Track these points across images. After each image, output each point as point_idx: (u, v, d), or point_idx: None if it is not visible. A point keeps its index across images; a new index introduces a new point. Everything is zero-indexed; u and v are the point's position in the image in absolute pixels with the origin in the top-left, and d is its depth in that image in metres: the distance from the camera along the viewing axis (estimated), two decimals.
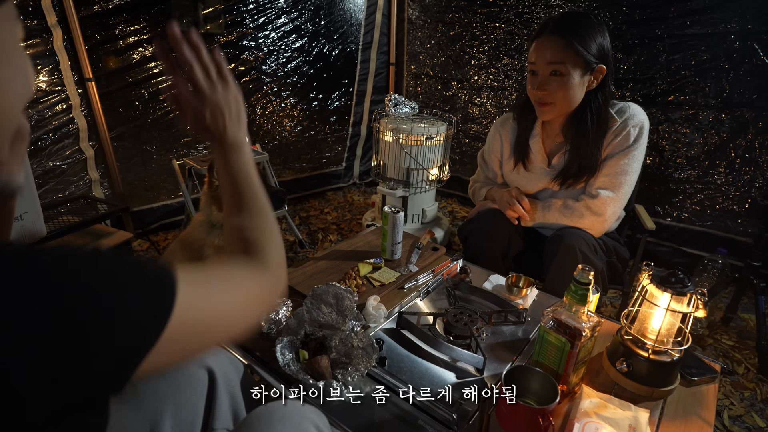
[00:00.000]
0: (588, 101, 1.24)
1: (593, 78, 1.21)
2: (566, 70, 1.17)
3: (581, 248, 1.27)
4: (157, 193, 2.64)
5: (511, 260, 1.50)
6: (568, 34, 1.16)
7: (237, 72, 2.73)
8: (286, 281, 0.61)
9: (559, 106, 1.24)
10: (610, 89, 1.25)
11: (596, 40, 1.17)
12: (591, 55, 1.17)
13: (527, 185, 1.44)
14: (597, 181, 1.31)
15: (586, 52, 1.16)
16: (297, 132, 3.15)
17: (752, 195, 2.15)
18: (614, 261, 1.44)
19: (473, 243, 1.46)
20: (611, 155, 1.28)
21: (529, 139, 1.40)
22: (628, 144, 1.25)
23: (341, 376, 0.87)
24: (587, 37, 1.16)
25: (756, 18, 1.98)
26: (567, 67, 1.17)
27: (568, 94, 1.21)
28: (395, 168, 2.36)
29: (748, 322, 2.01)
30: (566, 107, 1.25)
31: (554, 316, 0.87)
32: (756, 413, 1.54)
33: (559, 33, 1.17)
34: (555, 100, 1.23)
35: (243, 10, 2.62)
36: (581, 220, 1.33)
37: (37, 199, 1.56)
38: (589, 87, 1.22)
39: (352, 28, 3.15)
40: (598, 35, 1.17)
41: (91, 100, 2.22)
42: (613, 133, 1.27)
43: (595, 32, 1.17)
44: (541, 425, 0.74)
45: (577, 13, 1.23)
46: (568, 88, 1.20)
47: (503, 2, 2.73)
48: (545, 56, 1.19)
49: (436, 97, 3.30)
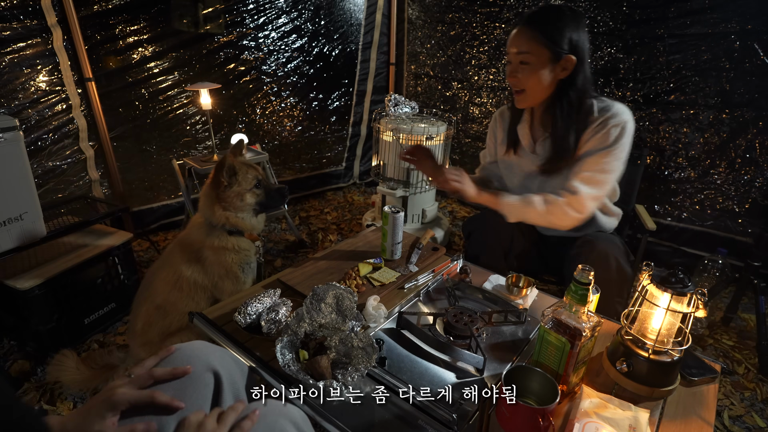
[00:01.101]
0: (560, 90, 1.29)
1: (562, 67, 1.25)
2: (532, 59, 1.24)
3: (615, 255, 1.26)
4: (157, 193, 2.64)
5: (514, 258, 1.50)
6: (535, 26, 1.23)
7: (237, 72, 2.73)
8: None
9: (530, 94, 1.30)
10: (585, 79, 1.27)
11: (565, 32, 1.21)
12: (557, 45, 1.21)
13: (517, 169, 1.48)
14: (578, 177, 1.29)
15: (552, 43, 1.21)
16: (297, 132, 3.15)
17: (752, 195, 2.15)
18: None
19: (476, 240, 1.47)
20: (591, 152, 1.28)
21: (518, 126, 1.45)
22: (608, 143, 1.26)
23: (341, 376, 0.87)
24: (554, 28, 1.21)
25: (756, 18, 1.98)
26: (533, 56, 1.24)
27: (536, 81, 1.26)
28: (395, 168, 2.36)
29: (748, 322, 2.01)
30: (537, 94, 1.30)
31: (554, 316, 0.87)
32: (756, 413, 1.54)
33: (527, 25, 1.24)
34: (525, 87, 1.29)
35: (243, 10, 2.62)
36: (563, 218, 1.31)
37: (37, 199, 1.56)
38: (560, 76, 1.26)
39: (352, 28, 3.15)
40: (568, 27, 1.22)
41: (91, 100, 2.22)
42: (593, 130, 1.29)
43: (565, 24, 1.22)
44: (541, 425, 0.74)
45: (551, 6, 1.27)
46: (535, 77, 1.26)
47: (503, 2, 2.73)
48: (514, 47, 1.27)
49: (436, 97, 3.30)
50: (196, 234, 1.42)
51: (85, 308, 1.76)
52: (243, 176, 1.40)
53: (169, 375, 0.71)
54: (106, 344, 1.77)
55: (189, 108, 2.58)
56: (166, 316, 1.37)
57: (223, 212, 1.39)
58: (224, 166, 1.35)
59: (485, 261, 1.43)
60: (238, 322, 1.04)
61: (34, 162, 2.10)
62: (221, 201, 1.39)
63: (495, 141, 1.56)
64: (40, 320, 1.60)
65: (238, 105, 2.81)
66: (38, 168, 2.11)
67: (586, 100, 1.29)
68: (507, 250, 1.45)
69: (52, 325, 1.64)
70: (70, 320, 1.70)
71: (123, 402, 0.65)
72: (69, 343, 1.72)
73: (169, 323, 1.38)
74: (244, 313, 1.04)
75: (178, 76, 2.50)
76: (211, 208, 1.40)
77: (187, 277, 1.38)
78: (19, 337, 1.72)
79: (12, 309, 1.62)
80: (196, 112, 2.61)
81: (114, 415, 0.64)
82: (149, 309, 1.38)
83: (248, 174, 1.41)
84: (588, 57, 1.26)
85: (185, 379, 0.73)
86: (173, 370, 0.71)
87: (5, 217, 1.49)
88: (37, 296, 1.56)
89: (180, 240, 1.45)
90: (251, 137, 2.84)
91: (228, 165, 1.35)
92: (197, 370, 0.75)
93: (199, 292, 1.39)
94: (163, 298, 1.37)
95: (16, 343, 1.73)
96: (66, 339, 1.70)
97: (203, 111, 2.34)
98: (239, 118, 2.85)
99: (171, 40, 2.42)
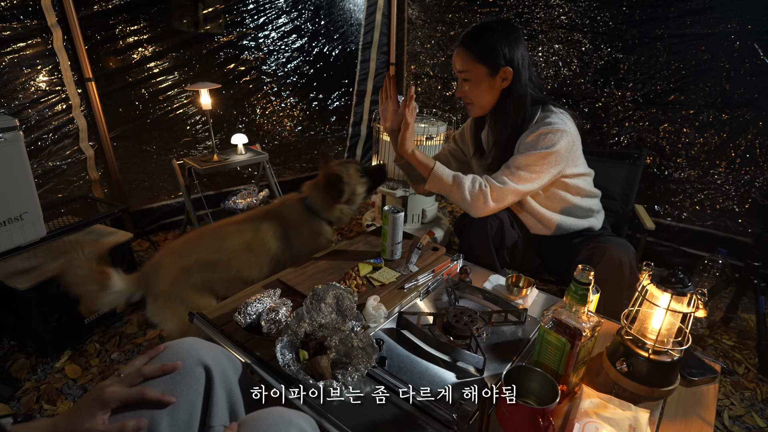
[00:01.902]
0: (502, 98, 1.39)
1: (501, 78, 1.34)
2: (472, 76, 1.36)
3: (629, 258, 1.29)
4: (157, 193, 2.64)
5: (506, 253, 1.52)
6: (469, 46, 1.33)
7: (237, 72, 2.73)
8: None
9: (477, 105, 1.41)
10: (521, 87, 1.35)
11: (497, 47, 1.31)
12: (492, 61, 1.32)
13: (474, 170, 1.61)
14: (506, 171, 1.35)
15: (485, 60, 1.32)
16: (297, 132, 3.15)
17: (752, 195, 2.15)
18: None
19: (467, 235, 1.50)
20: (521, 151, 1.35)
21: (481, 133, 1.56)
22: (537, 145, 1.32)
23: (341, 376, 0.87)
24: (486, 46, 1.31)
25: (756, 18, 1.98)
26: (472, 74, 1.35)
27: (480, 94, 1.38)
28: (395, 168, 2.36)
29: (748, 322, 2.01)
30: (484, 104, 1.41)
31: (554, 316, 0.87)
32: (756, 413, 1.54)
33: (463, 45, 1.35)
34: (472, 100, 1.41)
35: (243, 10, 2.62)
36: (480, 207, 1.34)
37: (37, 199, 1.56)
38: (502, 86, 1.36)
39: (352, 28, 3.15)
40: (500, 42, 1.31)
41: (91, 100, 2.22)
42: (526, 134, 1.37)
43: (495, 40, 1.31)
44: (541, 425, 0.74)
45: (483, 25, 1.34)
46: (478, 90, 1.37)
47: (503, 2, 2.73)
48: (456, 66, 1.39)
49: (436, 97, 3.30)
50: (293, 214, 1.50)
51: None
52: (348, 177, 1.49)
53: (158, 371, 0.71)
54: (106, 344, 1.77)
55: (189, 108, 2.58)
56: (214, 272, 1.39)
57: (339, 208, 1.51)
58: (331, 182, 1.45)
59: (478, 254, 1.45)
60: (238, 322, 1.04)
61: (34, 162, 2.10)
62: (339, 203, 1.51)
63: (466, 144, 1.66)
64: (40, 320, 1.60)
65: (238, 105, 2.81)
66: (38, 168, 2.11)
67: (524, 106, 1.37)
68: (498, 244, 1.48)
69: (52, 325, 1.64)
70: (70, 320, 1.70)
71: (113, 400, 0.65)
72: (69, 343, 1.72)
73: (221, 278, 1.40)
74: (244, 313, 1.04)
75: (178, 76, 2.50)
76: (330, 207, 1.50)
77: (268, 246, 1.44)
78: (19, 337, 1.72)
79: (12, 309, 1.62)
80: (196, 112, 2.61)
81: (104, 413, 0.65)
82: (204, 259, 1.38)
83: (350, 170, 1.50)
84: (526, 66, 1.35)
85: (176, 374, 0.73)
86: (162, 367, 0.72)
87: (5, 217, 1.49)
88: (37, 296, 1.56)
89: (268, 212, 1.50)
90: (251, 137, 2.84)
91: (333, 177, 1.45)
92: (188, 365, 0.75)
93: (270, 262, 1.45)
94: (227, 255, 1.39)
95: (16, 343, 1.73)
96: (66, 339, 1.70)
97: (203, 111, 2.34)
98: (239, 118, 2.85)
99: (171, 40, 2.42)
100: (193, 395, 0.74)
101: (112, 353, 1.72)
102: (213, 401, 0.75)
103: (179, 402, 0.71)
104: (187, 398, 0.73)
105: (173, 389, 0.72)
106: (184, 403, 0.72)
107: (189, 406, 0.73)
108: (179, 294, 1.36)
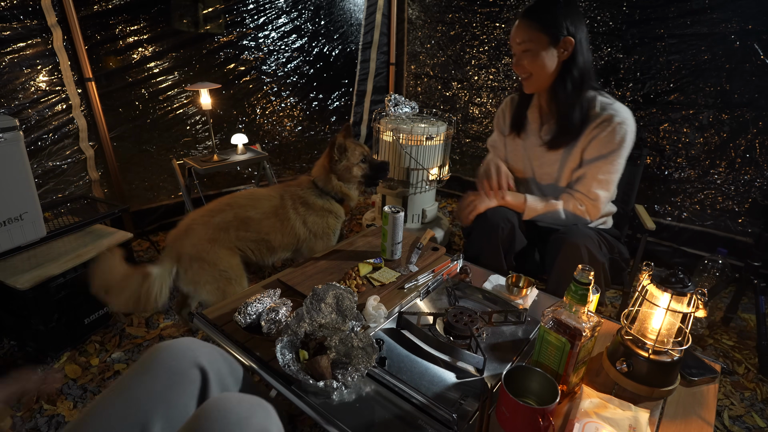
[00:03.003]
0: (564, 71, 1.37)
1: (562, 48, 1.33)
2: (533, 46, 1.34)
3: (587, 245, 1.31)
4: (157, 193, 2.64)
5: (513, 259, 1.51)
6: (532, 16, 1.34)
7: (237, 72, 2.73)
8: None
9: (536, 77, 1.39)
10: (585, 59, 1.36)
11: (559, 17, 1.31)
12: (554, 28, 1.31)
13: (522, 152, 1.58)
14: (595, 182, 1.40)
15: (547, 28, 1.31)
16: (297, 132, 3.15)
17: (752, 195, 2.15)
18: (617, 258, 1.46)
19: (476, 239, 1.48)
20: (603, 155, 1.37)
21: (527, 110, 1.55)
22: (615, 144, 1.35)
23: (341, 376, 0.87)
24: (549, 15, 1.32)
25: (756, 18, 1.98)
26: (533, 43, 1.34)
27: (540, 65, 1.36)
28: (395, 168, 2.36)
29: (748, 322, 2.01)
30: (543, 77, 1.39)
31: (554, 316, 0.87)
32: (756, 413, 1.54)
33: (525, 17, 1.35)
34: (531, 72, 1.38)
35: (243, 10, 2.62)
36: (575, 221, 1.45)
37: (37, 199, 1.56)
38: (562, 58, 1.35)
39: (352, 28, 3.15)
40: (562, 13, 1.31)
41: (91, 100, 2.22)
42: (598, 127, 1.37)
43: (558, 10, 1.32)
44: (541, 425, 0.74)
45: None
46: (538, 61, 1.35)
47: (503, 2, 2.73)
48: (516, 39, 1.37)
49: (436, 97, 3.30)
50: (306, 193, 1.64)
51: (85, 308, 1.76)
52: (352, 152, 1.64)
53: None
54: (106, 344, 1.77)
55: (189, 108, 2.58)
56: (247, 230, 1.53)
57: (338, 182, 1.64)
58: (336, 144, 1.59)
59: (485, 261, 1.43)
60: (238, 322, 1.04)
61: (34, 162, 2.10)
62: (334, 173, 1.64)
63: (504, 123, 1.65)
64: (40, 320, 1.60)
65: (238, 105, 2.81)
66: (38, 168, 2.11)
67: (589, 77, 1.38)
68: (507, 250, 1.46)
69: (52, 325, 1.64)
70: (70, 320, 1.70)
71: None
72: (69, 343, 1.72)
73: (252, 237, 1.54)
74: (244, 313, 1.04)
75: (178, 76, 2.50)
76: (327, 176, 1.64)
77: (288, 215, 1.59)
78: (19, 337, 1.72)
79: (12, 309, 1.62)
80: (196, 112, 2.61)
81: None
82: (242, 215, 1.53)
83: (356, 150, 1.65)
84: (586, 38, 1.35)
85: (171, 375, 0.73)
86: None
87: (5, 217, 1.49)
88: (37, 296, 1.56)
89: (287, 190, 1.64)
90: (251, 137, 2.84)
91: (339, 143, 1.60)
92: (183, 367, 0.74)
93: (290, 233, 1.60)
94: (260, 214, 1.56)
95: (16, 343, 1.73)
96: (66, 339, 1.70)
97: (203, 111, 2.34)
98: (239, 118, 2.85)
99: (171, 40, 2.42)
100: (187, 397, 0.73)
101: (112, 353, 1.72)
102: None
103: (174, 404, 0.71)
104: (181, 400, 0.72)
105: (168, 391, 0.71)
106: (178, 405, 0.71)
107: (183, 408, 0.72)
108: (213, 255, 1.45)
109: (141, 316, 1.92)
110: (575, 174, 1.45)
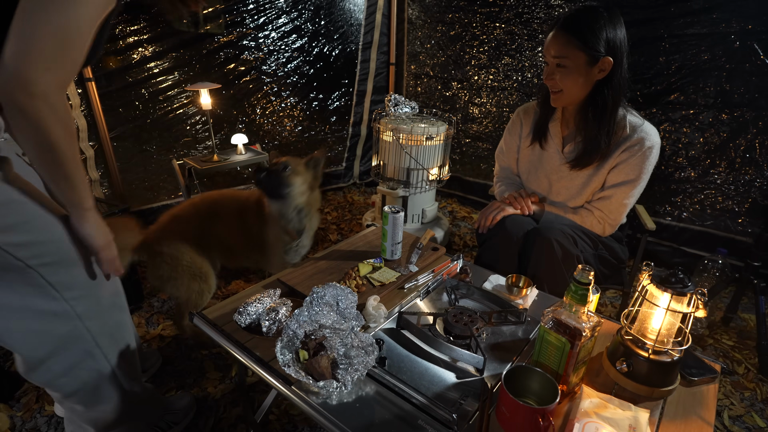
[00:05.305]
0: (597, 91, 1.30)
1: (599, 68, 1.26)
2: (569, 63, 1.26)
3: (557, 239, 1.31)
4: (157, 193, 2.64)
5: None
6: (571, 31, 1.24)
7: (237, 72, 2.73)
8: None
9: (567, 94, 1.32)
10: (621, 79, 1.29)
11: (600, 34, 1.22)
12: (593, 49, 1.23)
13: (538, 164, 1.53)
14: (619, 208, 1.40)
15: (587, 47, 1.23)
16: (297, 132, 3.15)
17: (752, 195, 2.15)
18: (604, 254, 1.45)
19: (490, 247, 1.47)
20: (629, 181, 1.35)
21: (549, 122, 1.48)
22: (643, 171, 1.33)
23: (341, 376, 0.87)
24: (590, 32, 1.22)
25: (756, 18, 1.98)
26: (569, 60, 1.26)
27: (573, 83, 1.29)
28: (395, 168, 2.36)
29: (748, 322, 2.01)
30: (574, 95, 1.32)
31: (554, 316, 0.87)
32: (756, 413, 1.54)
33: (564, 29, 1.25)
34: (563, 88, 1.31)
35: (243, 10, 2.62)
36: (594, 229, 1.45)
37: None
38: (598, 77, 1.28)
39: (352, 28, 3.15)
40: (605, 29, 1.23)
41: (91, 100, 2.22)
42: (627, 151, 1.33)
43: (601, 27, 1.23)
44: (541, 425, 0.74)
45: (587, 9, 1.27)
46: (572, 78, 1.28)
47: (503, 2, 2.73)
48: (551, 51, 1.29)
49: (436, 97, 3.30)
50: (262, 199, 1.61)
51: None
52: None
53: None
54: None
55: (189, 108, 2.58)
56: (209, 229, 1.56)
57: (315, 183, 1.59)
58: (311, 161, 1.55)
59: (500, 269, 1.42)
60: (238, 322, 1.04)
61: None
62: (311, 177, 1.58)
63: (519, 136, 1.59)
64: None
65: (238, 105, 2.81)
66: None
67: (621, 99, 1.32)
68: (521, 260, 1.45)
69: None
70: None
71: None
72: None
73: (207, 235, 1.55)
74: (244, 313, 1.04)
75: (178, 76, 2.50)
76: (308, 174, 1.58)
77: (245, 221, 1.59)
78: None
79: None
80: (196, 112, 2.61)
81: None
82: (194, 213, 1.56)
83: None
84: (626, 56, 1.28)
85: None
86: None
87: None
88: None
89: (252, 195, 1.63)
90: (251, 137, 2.84)
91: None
92: None
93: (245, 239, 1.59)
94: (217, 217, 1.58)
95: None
96: None
97: (203, 111, 2.34)
98: (239, 118, 2.85)
99: (171, 40, 2.42)
100: None
101: None
102: None
103: None
104: None
105: None
106: None
107: None
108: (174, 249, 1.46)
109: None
110: (597, 195, 1.43)
